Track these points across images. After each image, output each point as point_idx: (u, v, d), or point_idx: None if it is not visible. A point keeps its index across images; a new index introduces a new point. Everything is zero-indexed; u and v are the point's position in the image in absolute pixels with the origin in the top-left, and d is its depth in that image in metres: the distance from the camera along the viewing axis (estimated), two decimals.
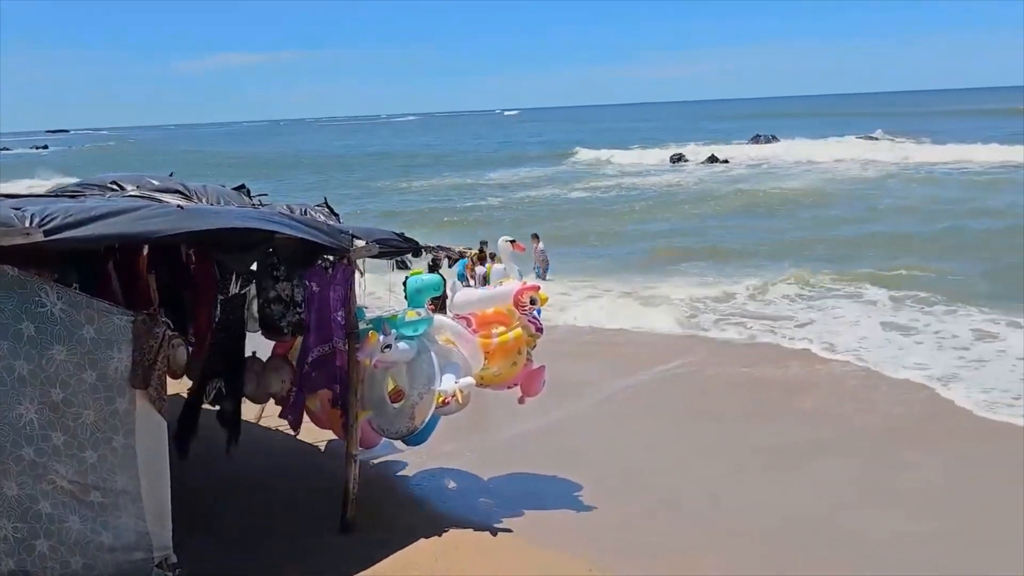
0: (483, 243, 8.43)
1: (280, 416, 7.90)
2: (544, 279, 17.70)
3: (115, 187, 7.10)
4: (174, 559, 5.59)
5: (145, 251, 7.44)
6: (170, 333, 5.45)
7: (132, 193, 6.89)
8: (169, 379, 5.64)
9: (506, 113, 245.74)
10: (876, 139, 56.08)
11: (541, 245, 18.98)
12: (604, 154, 57.56)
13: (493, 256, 8.23)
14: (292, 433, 8.23)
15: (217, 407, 7.78)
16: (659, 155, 54.30)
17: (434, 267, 7.99)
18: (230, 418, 7.70)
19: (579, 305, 16.29)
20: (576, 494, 7.91)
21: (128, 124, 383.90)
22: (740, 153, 52.23)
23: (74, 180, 9.03)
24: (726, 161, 49.34)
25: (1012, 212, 25.79)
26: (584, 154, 59.25)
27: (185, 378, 7.61)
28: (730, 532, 7.23)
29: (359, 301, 7.48)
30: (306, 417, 7.80)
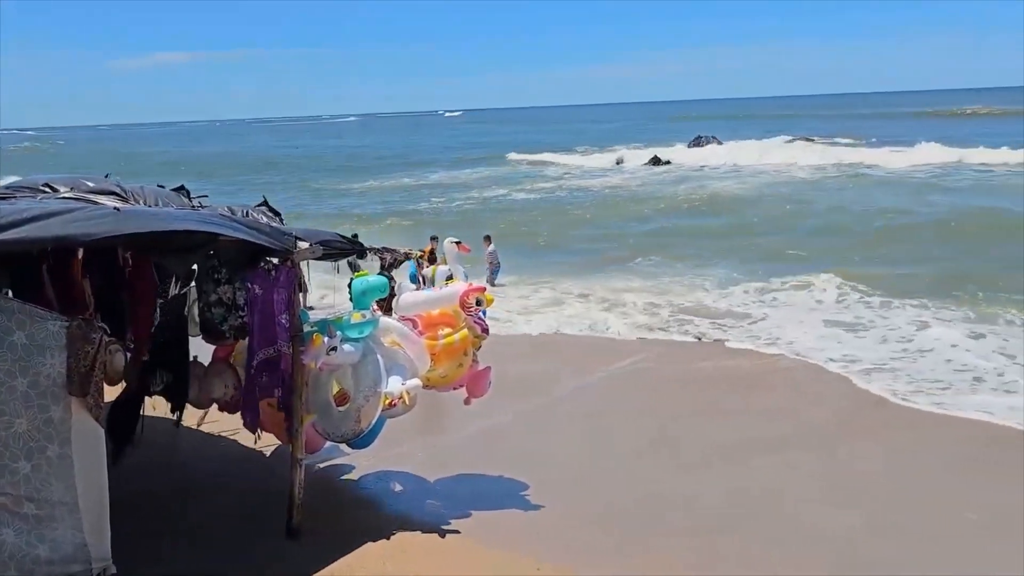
0: (433, 238, 8.39)
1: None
2: (492, 284, 17.71)
3: (47, 189, 6.88)
4: (113, 570, 5.45)
5: (80, 255, 7.24)
6: (107, 339, 5.32)
7: (66, 195, 6.68)
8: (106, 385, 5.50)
9: (447, 114, 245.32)
10: (813, 141, 57.40)
11: (492, 247, 18.95)
12: (548, 156, 57.90)
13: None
14: (235, 438, 8.09)
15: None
16: (603, 158, 54.81)
17: (386, 268, 7.93)
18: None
19: (533, 307, 16.37)
20: (524, 494, 7.93)
21: (58, 124, 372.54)
22: (682, 155, 52.93)
23: (5, 181, 8.76)
24: (668, 163, 50.02)
25: (939, 210, 26.80)
26: (530, 156, 59.45)
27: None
28: (693, 530, 7.28)
29: (303, 303, 7.38)
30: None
